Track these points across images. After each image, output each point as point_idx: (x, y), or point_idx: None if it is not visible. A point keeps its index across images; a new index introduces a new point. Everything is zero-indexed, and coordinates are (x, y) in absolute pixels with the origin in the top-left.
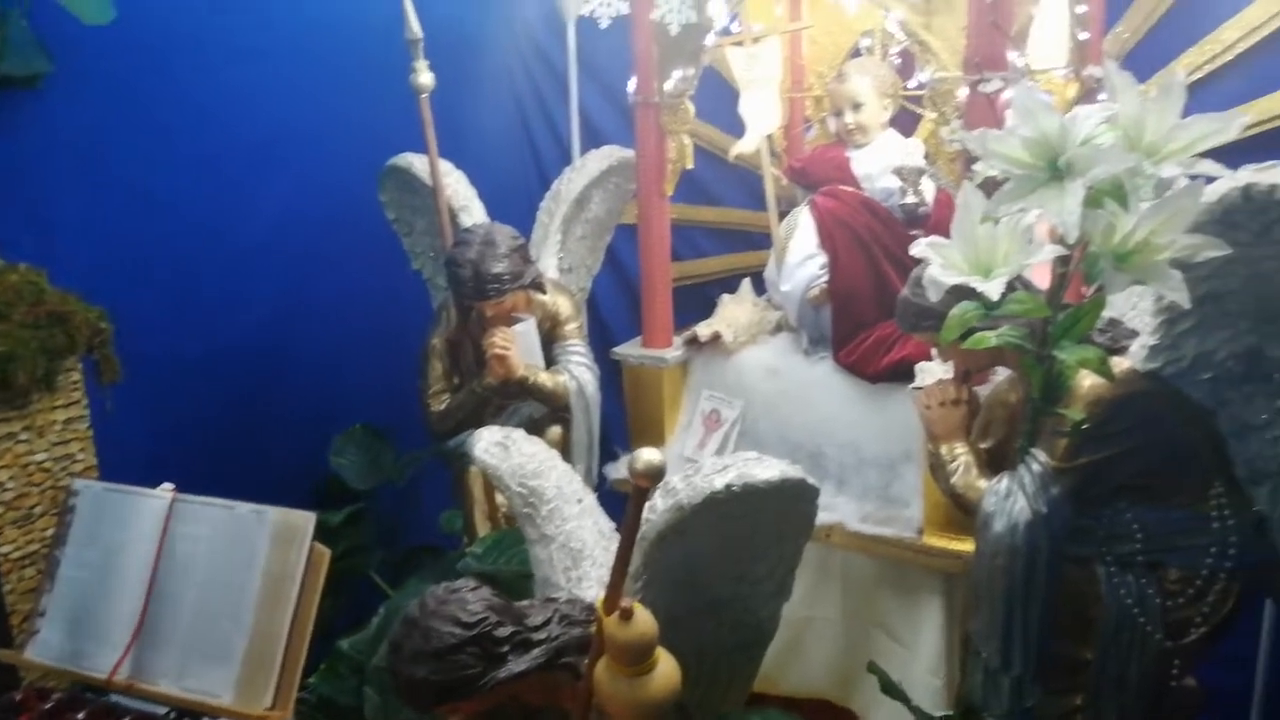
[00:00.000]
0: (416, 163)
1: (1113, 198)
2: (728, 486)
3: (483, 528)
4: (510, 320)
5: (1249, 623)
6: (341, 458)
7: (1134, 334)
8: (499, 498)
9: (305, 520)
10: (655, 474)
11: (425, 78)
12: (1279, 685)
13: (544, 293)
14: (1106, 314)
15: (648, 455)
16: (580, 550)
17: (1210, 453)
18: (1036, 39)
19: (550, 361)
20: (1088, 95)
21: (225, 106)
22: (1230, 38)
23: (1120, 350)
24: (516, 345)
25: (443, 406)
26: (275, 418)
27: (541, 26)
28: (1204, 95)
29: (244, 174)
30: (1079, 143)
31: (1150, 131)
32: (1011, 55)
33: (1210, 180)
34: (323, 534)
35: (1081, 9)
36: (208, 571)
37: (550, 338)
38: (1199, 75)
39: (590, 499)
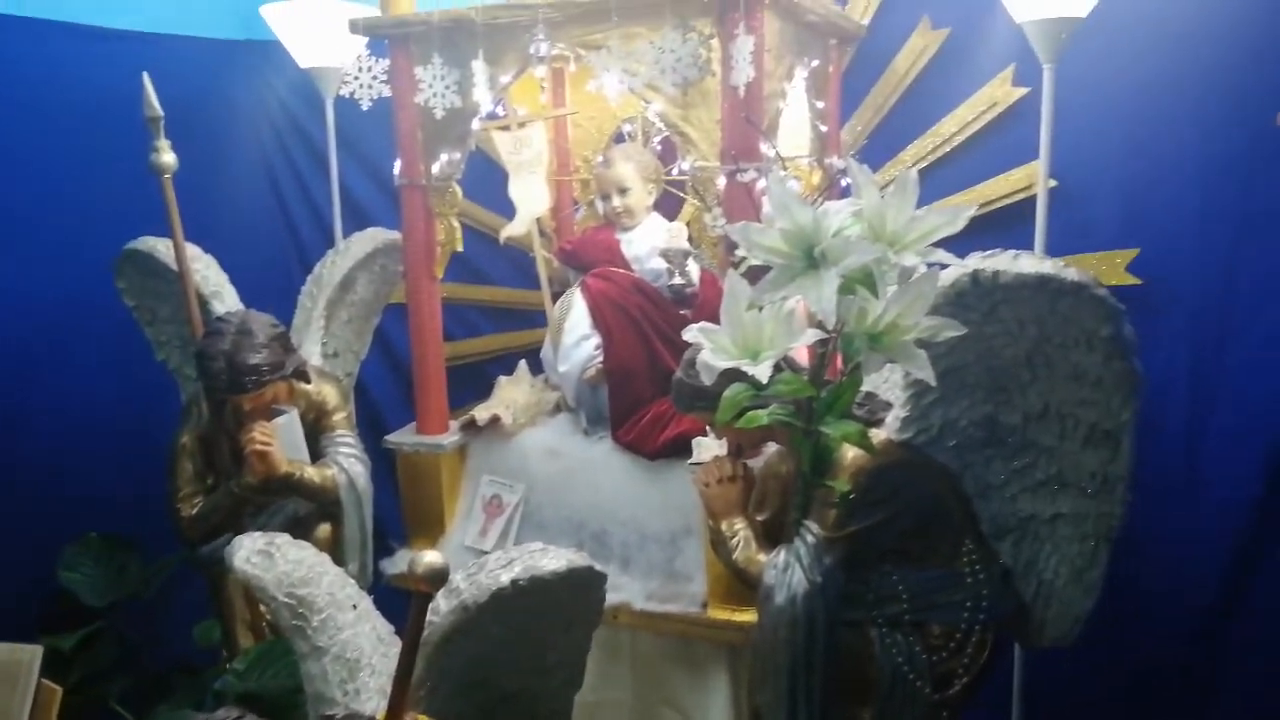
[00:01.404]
0: (159, 246)
1: (863, 285)
2: (514, 582)
3: (245, 640)
4: (270, 413)
5: (1001, 668)
6: (74, 572)
7: (888, 405)
8: (264, 606)
9: (29, 655)
10: (438, 578)
11: (167, 157)
12: None
13: (308, 382)
14: (863, 388)
15: (429, 559)
16: (357, 660)
17: (960, 513)
18: (784, 129)
19: (317, 454)
20: (831, 182)
21: None
22: (948, 130)
23: (877, 422)
24: (278, 440)
25: (195, 510)
26: None
27: (300, 103)
28: (930, 181)
29: None
30: (831, 234)
31: (891, 223)
32: (764, 146)
33: (944, 267)
34: (52, 664)
35: (820, 104)
36: None
37: (316, 429)
38: (924, 164)
39: (366, 603)
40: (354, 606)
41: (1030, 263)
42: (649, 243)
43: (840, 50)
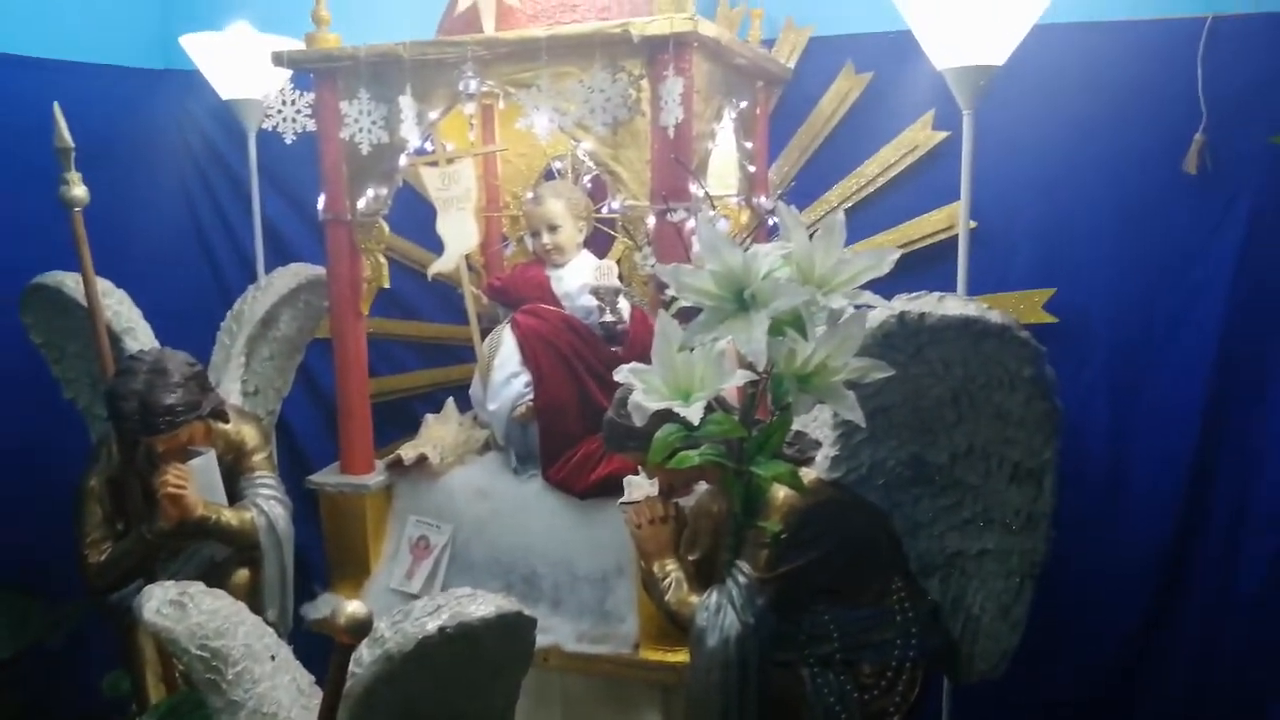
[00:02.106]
0: (68, 281)
1: (793, 327)
2: (441, 629)
3: (156, 692)
4: (186, 454)
5: (931, 703)
6: None
7: (817, 444)
8: (176, 659)
9: None
10: (360, 629)
11: (78, 190)
12: None
13: (226, 421)
14: (792, 426)
15: (351, 609)
16: (275, 714)
17: (889, 551)
18: (713, 169)
19: (236, 496)
20: (759, 221)
21: None
22: (872, 172)
23: (807, 461)
24: (193, 482)
25: (103, 557)
26: None
27: (221, 133)
28: (855, 221)
29: None
30: (760, 277)
31: (819, 266)
32: (693, 186)
33: (872, 308)
34: None
35: (749, 145)
36: None
37: (235, 470)
38: (849, 204)
39: (285, 652)
40: (272, 657)
41: (955, 305)
42: (579, 280)
43: (768, 92)
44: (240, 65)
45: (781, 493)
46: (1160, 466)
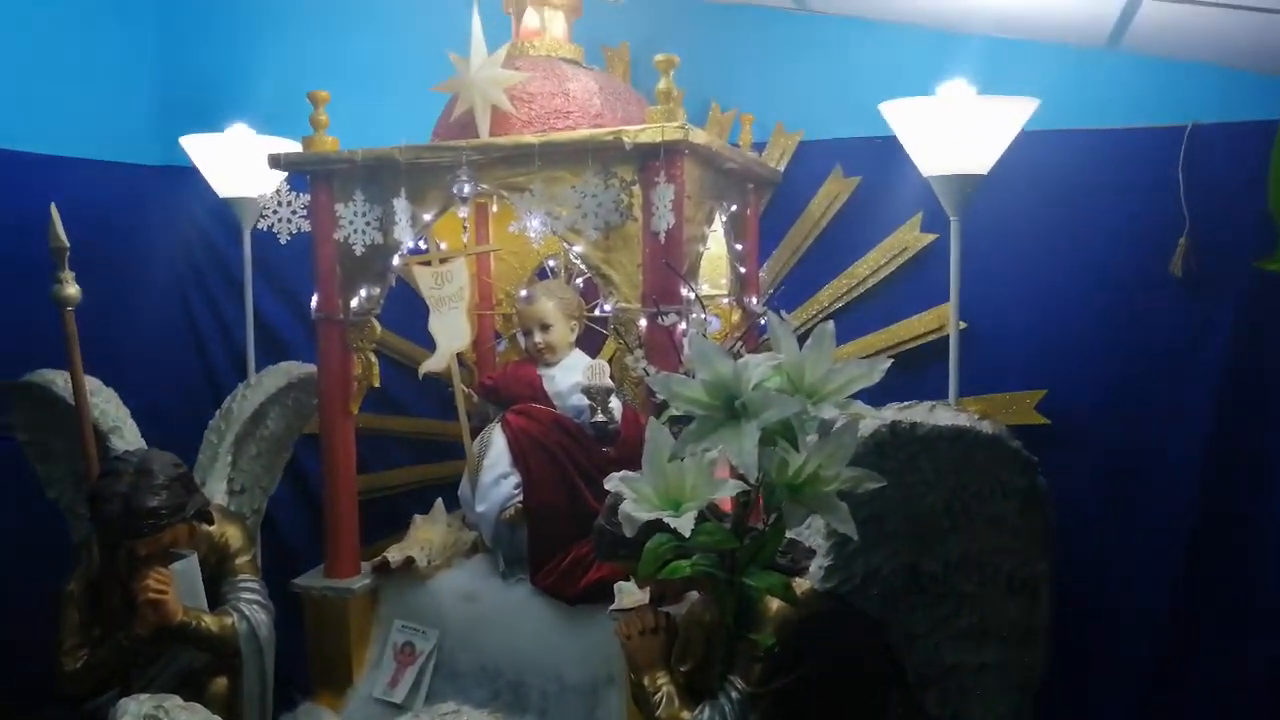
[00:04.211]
0: (58, 380)
1: (783, 437)
2: None
3: None
4: (168, 557)
5: None
6: None
7: (811, 553)
8: None
9: None
10: None
11: (70, 290)
12: None
13: (210, 523)
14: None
15: None
16: None
17: (886, 664)
18: (705, 269)
19: (218, 601)
20: (750, 322)
21: None
22: (862, 272)
23: (801, 570)
24: (174, 586)
25: (79, 665)
26: None
27: (218, 228)
28: (846, 321)
29: None
30: (751, 387)
31: (810, 375)
32: (684, 290)
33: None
34: None
35: (740, 246)
36: None
37: (218, 573)
38: (840, 304)
39: None
40: None
41: (946, 415)
42: (571, 379)
43: (759, 194)
44: (238, 165)
45: (775, 604)
46: (1157, 566)
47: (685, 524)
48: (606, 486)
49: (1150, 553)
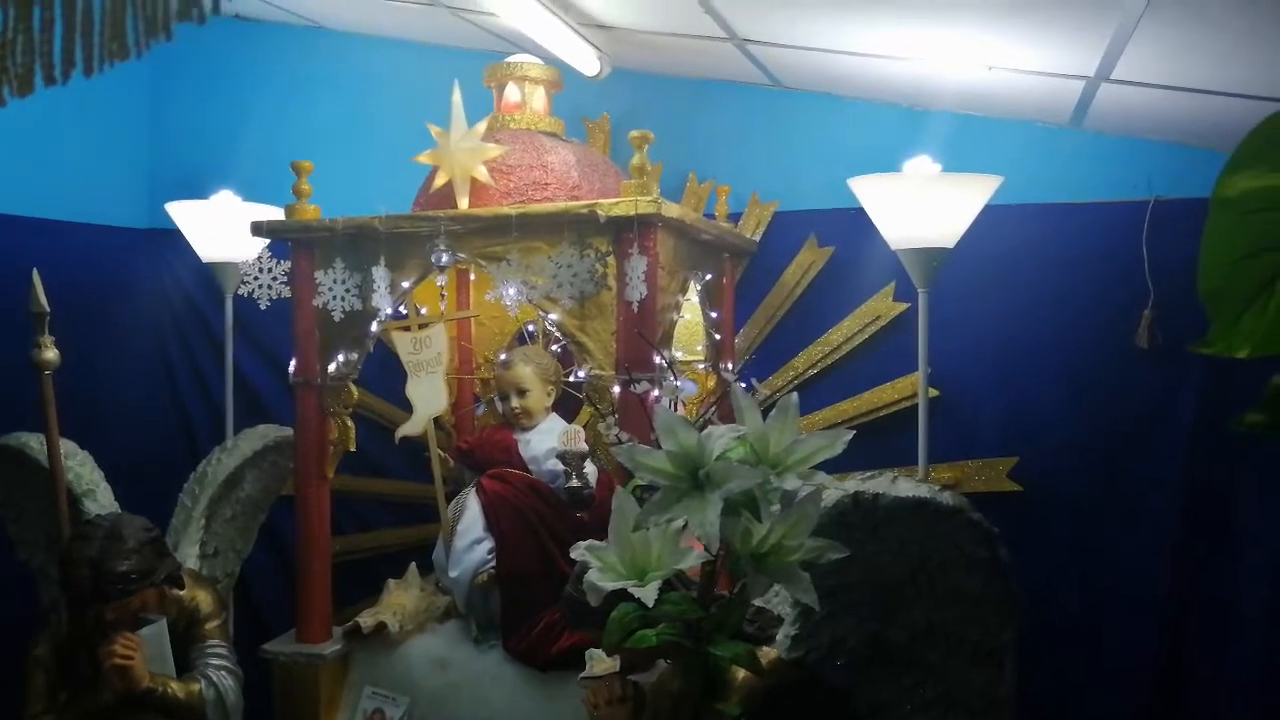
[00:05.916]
0: (32, 442)
1: (746, 508)
2: None
3: None
4: (137, 622)
5: None
6: None
7: (779, 620)
8: None
9: None
10: None
11: (49, 354)
12: None
13: (181, 588)
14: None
15: None
16: None
17: None
18: (680, 336)
19: (186, 665)
20: (724, 389)
21: None
22: (836, 340)
23: (768, 639)
24: (142, 651)
25: None
26: None
27: (200, 292)
28: (820, 388)
29: None
30: (714, 458)
31: (773, 446)
32: (657, 358)
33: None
34: None
35: (715, 314)
36: None
37: (187, 638)
38: (814, 371)
39: None
40: None
41: (908, 486)
42: (546, 444)
43: (734, 263)
44: (222, 230)
45: (741, 673)
46: (1132, 630)
47: (649, 594)
48: (572, 555)
49: (1123, 620)
